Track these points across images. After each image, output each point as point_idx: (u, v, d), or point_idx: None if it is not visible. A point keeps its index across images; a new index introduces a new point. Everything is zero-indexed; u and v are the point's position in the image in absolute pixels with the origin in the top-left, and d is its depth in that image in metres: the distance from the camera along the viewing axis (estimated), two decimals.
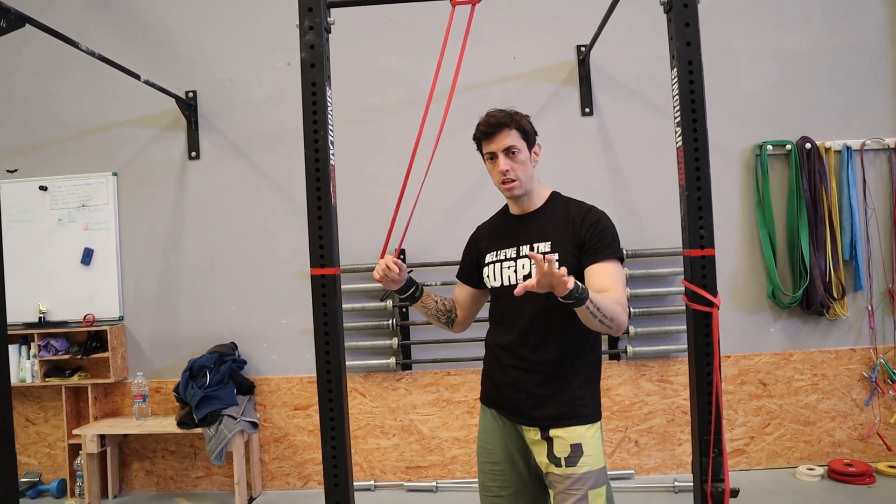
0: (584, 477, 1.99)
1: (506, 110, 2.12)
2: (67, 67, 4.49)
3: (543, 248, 2.08)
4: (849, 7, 4.30)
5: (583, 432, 2.02)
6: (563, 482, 2.00)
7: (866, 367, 4.24)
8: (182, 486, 4.48)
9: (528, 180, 2.12)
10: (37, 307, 4.45)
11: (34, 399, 4.53)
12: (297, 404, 4.40)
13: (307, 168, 1.98)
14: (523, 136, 2.10)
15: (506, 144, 2.08)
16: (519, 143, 2.09)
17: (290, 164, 4.39)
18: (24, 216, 4.51)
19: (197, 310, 4.49)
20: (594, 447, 2.02)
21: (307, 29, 1.98)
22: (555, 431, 2.03)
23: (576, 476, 1.99)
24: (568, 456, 2.00)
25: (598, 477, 2.00)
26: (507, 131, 2.08)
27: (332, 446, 1.97)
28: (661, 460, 4.28)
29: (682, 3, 1.99)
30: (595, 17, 3.77)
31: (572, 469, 1.99)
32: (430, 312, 2.33)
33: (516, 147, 2.09)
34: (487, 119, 2.11)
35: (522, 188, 2.12)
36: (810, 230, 4.16)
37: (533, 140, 2.14)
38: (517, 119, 2.10)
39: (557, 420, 2.03)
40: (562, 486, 2.00)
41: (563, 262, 2.00)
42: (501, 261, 2.17)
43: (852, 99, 4.29)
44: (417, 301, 2.28)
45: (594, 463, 2.01)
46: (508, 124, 2.08)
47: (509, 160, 2.09)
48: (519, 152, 2.09)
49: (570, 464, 2.00)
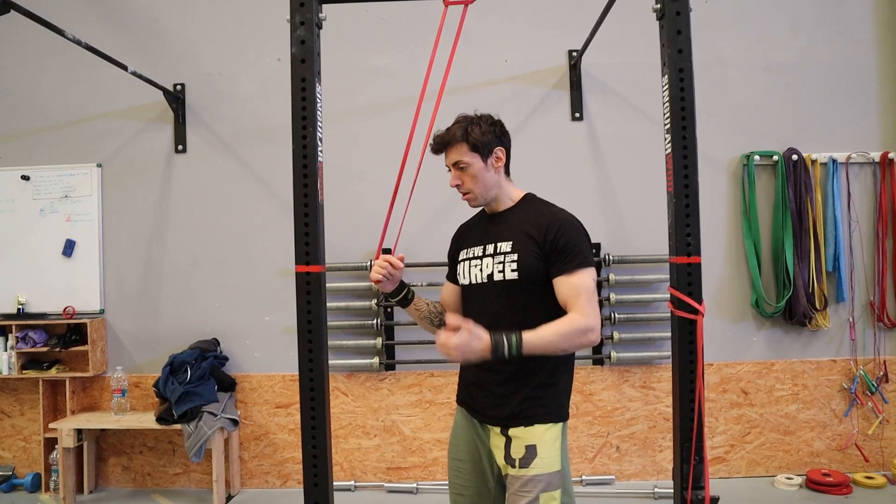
0: (536, 479, 1.97)
1: (459, 121, 2.14)
2: (53, 56, 4.44)
3: (505, 247, 2.08)
4: (838, 21, 4.34)
5: (540, 434, 2.01)
6: (515, 483, 2.00)
7: (846, 378, 4.27)
8: (160, 483, 4.43)
9: (485, 190, 2.14)
10: (15, 298, 4.39)
11: (10, 391, 4.46)
12: (279, 402, 4.37)
13: (294, 164, 1.96)
14: (473, 148, 2.10)
15: (453, 160, 2.13)
16: (468, 157, 2.10)
17: (276, 161, 4.36)
18: (5, 206, 4.45)
19: (179, 304, 4.44)
20: (549, 450, 2.00)
21: (298, 24, 1.96)
22: (513, 431, 2.03)
23: (527, 477, 1.98)
24: (522, 457, 2.00)
25: (550, 479, 1.98)
26: (456, 147, 2.12)
27: (312, 445, 1.96)
28: (642, 466, 4.28)
29: (675, 10, 1.99)
30: (587, 23, 3.78)
31: (524, 470, 1.99)
32: (423, 315, 2.33)
33: (464, 162, 2.11)
34: (434, 137, 2.17)
35: (478, 199, 2.16)
36: (795, 241, 4.19)
37: (489, 149, 2.12)
38: (468, 132, 2.10)
39: (514, 419, 2.03)
40: (513, 488, 2.01)
41: (524, 264, 2.02)
42: (470, 259, 2.20)
43: (839, 112, 4.32)
44: (410, 304, 2.30)
45: (548, 466, 1.99)
46: (453, 141, 2.11)
47: (458, 174, 2.14)
48: (468, 166, 2.11)
49: (522, 465, 1.99)
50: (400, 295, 2.26)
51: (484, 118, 2.15)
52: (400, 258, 2.20)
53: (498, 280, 2.07)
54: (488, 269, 2.10)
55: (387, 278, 2.19)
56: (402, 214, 2.38)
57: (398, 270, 2.20)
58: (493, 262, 2.09)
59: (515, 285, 2.04)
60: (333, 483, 2.04)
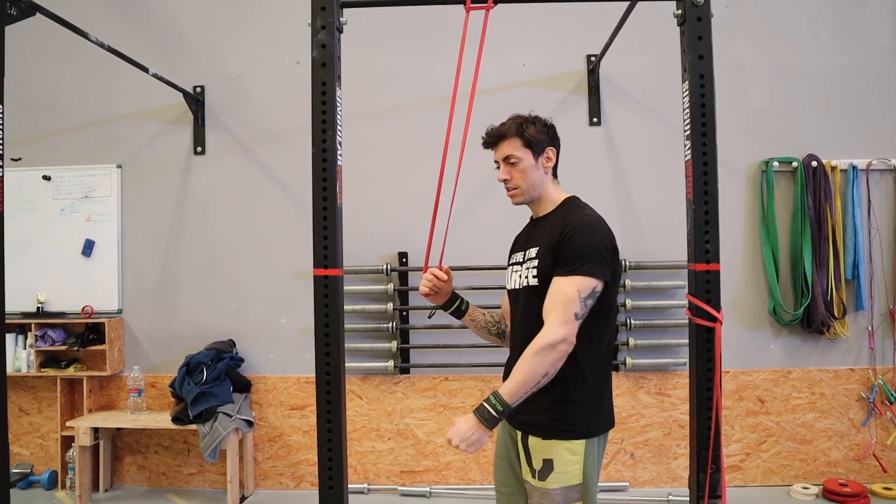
0: (553, 492, 1.95)
1: (514, 118, 2.13)
2: (76, 58, 4.49)
3: (532, 253, 2.08)
4: (858, 26, 4.30)
5: (558, 448, 1.96)
6: (535, 493, 2.00)
7: (865, 387, 4.22)
8: (174, 483, 4.46)
9: (531, 188, 2.12)
10: (35, 297, 4.44)
11: (28, 389, 4.51)
12: (294, 404, 4.39)
13: (314, 168, 1.97)
14: (526, 144, 2.09)
15: (504, 154, 2.11)
16: (520, 152, 2.09)
17: (294, 164, 4.38)
18: (27, 205, 4.49)
19: (196, 305, 4.47)
20: (568, 464, 1.95)
21: (319, 28, 1.98)
22: (532, 441, 2.00)
23: (544, 490, 1.96)
24: (541, 469, 1.97)
25: (568, 493, 1.95)
26: (509, 141, 2.10)
27: (328, 448, 1.96)
28: (656, 473, 4.26)
29: (696, 16, 1.99)
30: (606, 27, 3.77)
31: (542, 483, 1.97)
32: (479, 325, 2.34)
33: (515, 157, 2.09)
34: (490, 129, 2.15)
35: (524, 196, 2.14)
36: (814, 248, 4.15)
37: (542, 147, 2.11)
38: (523, 128, 2.09)
39: (535, 429, 2.00)
40: (533, 498, 2.01)
41: (542, 271, 2.01)
42: (513, 264, 2.21)
43: (859, 118, 4.28)
44: (464, 314, 2.31)
45: (565, 480, 1.95)
46: (508, 135, 2.10)
47: (508, 168, 2.11)
48: (519, 161, 2.09)
49: (541, 477, 1.97)
50: (452, 306, 2.28)
51: (538, 119, 2.14)
52: (445, 270, 2.22)
53: (524, 286, 2.08)
54: (523, 276, 2.10)
55: (434, 291, 2.21)
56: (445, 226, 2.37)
57: (445, 283, 2.21)
58: (524, 268, 2.10)
59: (537, 291, 2.00)
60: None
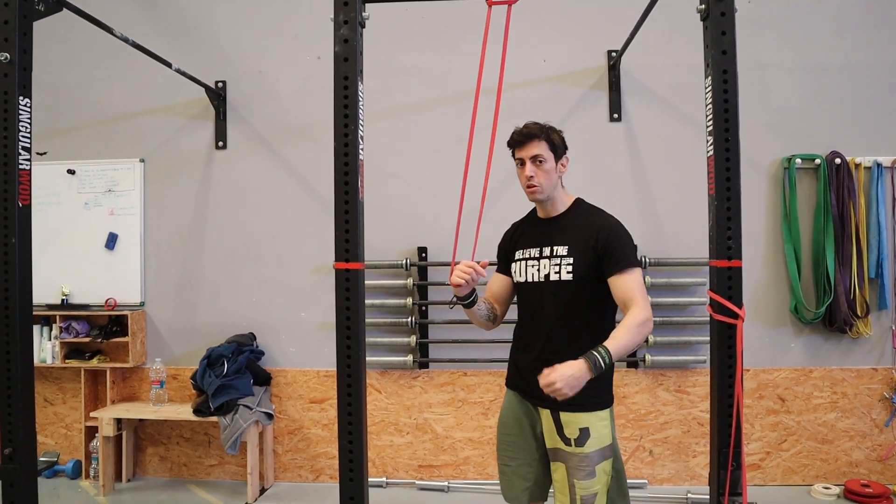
0: (592, 455, 2.22)
1: (541, 124, 2.35)
2: (100, 54, 4.54)
3: (561, 251, 2.30)
4: (883, 22, 4.24)
5: (589, 417, 2.24)
6: (573, 459, 2.23)
7: (888, 387, 4.17)
8: (195, 474, 4.51)
9: (550, 187, 2.35)
10: (60, 289, 4.51)
11: (53, 380, 4.58)
12: (313, 397, 4.42)
13: (336, 162, 1.99)
14: (551, 148, 2.33)
15: (533, 153, 2.32)
16: (546, 153, 2.32)
17: (315, 159, 4.40)
18: (52, 199, 4.56)
19: (217, 299, 4.52)
20: (601, 429, 2.24)
21: (342, 23, 1.99)
22: (564, 416, 2.25)
23: (584, 454, 2.22)
24: (577, 437, 2.22)
25: (604, 452, 2.25)
26: (537, 142, 2.32)
27: (348, 440, 1.98)
28: (675, 471, 4.24)
29: (720, 11, 1.98)
30: (627, 23, 3.74)
31: (581, 448, 2.22)
32: (482, 313, 2.48)
33: (542, 157, 2.31)
34: (521, 129, 2.35)
35: (544, 194, 2.35)
36: (836, 246, 4.11)
37: (561, 153, 2.37)
38: (549, 133, 2.34)
39: (566, 405, 2.18)
40: (572, 462, 2.23)
41: (578, 267, 2.26)
42: (526, 259, 2.41)
43: (884, 114, 4.22)
44: (474, 305, 2.43)
45: (600, 443, 2.24)
46: (538, 136, 2.32)
47: (535, 167, 2.32)
48: (545, 161, 2.32)
49: (579, 444, 2.22)
50: (470, 298, 2.39)
51: (556, 129, 2.38)
52: (483, 265, 2.31)
53: (554, 280, 2.30)
54: (545, 270, 2.32)
55: (468, 283, 2.29)
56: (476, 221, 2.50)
57: (480, 276, 2.31)
58: (549, 263, 2.32)
59: (570, 285, 2.27)
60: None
